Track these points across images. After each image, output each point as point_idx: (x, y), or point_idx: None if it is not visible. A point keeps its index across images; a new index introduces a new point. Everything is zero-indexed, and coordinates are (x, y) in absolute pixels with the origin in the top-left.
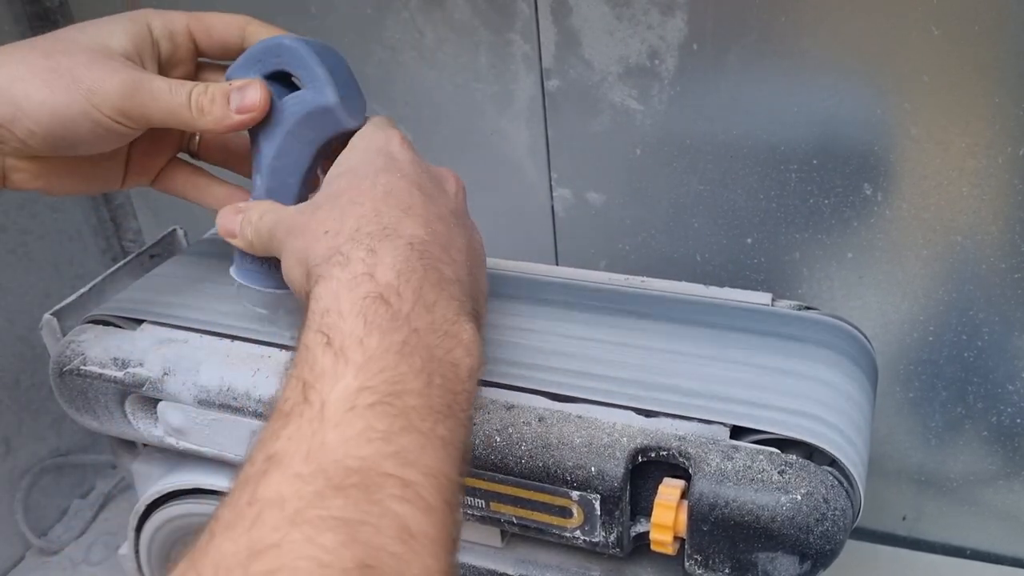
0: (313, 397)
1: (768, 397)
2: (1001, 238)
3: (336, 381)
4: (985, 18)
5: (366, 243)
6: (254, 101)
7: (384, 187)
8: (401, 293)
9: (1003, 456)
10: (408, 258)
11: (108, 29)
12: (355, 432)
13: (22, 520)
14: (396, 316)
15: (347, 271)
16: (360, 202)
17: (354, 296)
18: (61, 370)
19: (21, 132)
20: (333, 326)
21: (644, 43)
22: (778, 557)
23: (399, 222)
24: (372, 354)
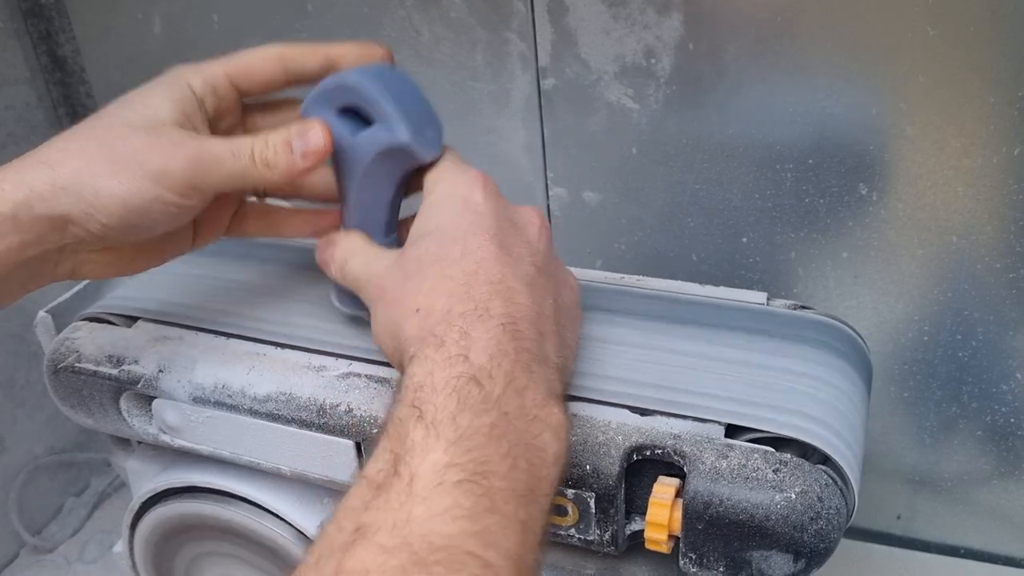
0: (403, 470)
1: (763, 396)
2: (996, 238)
3: (426, 454)
4: (981, 19)
5: (459, 325)
6: (318, 145)
7: (474, 258)
8: (493, 376)
9: (997, 456)
10: (500, 340)
11: (154, 102)
12: (442, 508)
13: (16, 518)
14: (487, 398)
15: (441, 352)
16: (451, 276)
17: (448, 375)
18: (56, 368)
19: (95, 228)
20: (426, 401)
21: (640, 42)
22: (772, 555)
23: (490, 300)
24: (463, 432)
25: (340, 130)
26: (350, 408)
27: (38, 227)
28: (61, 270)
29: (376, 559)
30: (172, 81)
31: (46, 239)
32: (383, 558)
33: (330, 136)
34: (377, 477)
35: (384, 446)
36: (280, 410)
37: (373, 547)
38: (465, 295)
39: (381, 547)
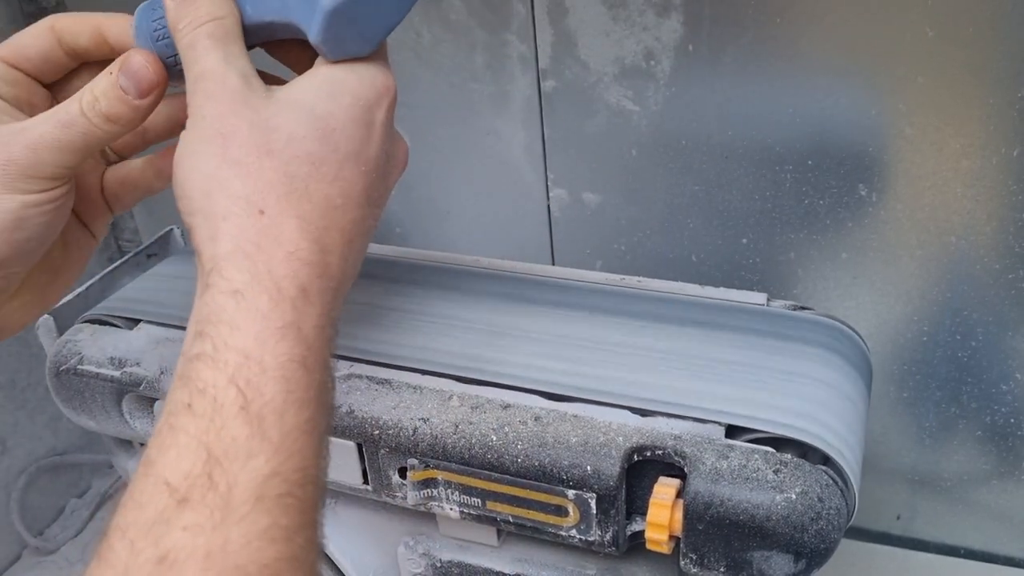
0: (219, 477)
1: (763, 396)
2: (995, 239)
3: (248, 460)
4: (979, 20)
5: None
6: (147, 75)
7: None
8: (317, 361)
9: (997, 456)
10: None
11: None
12: (259, 530)
13: (18, 519)
14: (310, 386)
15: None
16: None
17: (279, 351)
18: (58, 369)
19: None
20: (253, 384)
21: (640, 44)
22: (773, 556)
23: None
24: (287, 432)
25: None
26: (351, 410)
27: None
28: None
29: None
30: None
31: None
32: None
33: (156, 60)
34: (183, 485)
35: (192, 434)
36: None
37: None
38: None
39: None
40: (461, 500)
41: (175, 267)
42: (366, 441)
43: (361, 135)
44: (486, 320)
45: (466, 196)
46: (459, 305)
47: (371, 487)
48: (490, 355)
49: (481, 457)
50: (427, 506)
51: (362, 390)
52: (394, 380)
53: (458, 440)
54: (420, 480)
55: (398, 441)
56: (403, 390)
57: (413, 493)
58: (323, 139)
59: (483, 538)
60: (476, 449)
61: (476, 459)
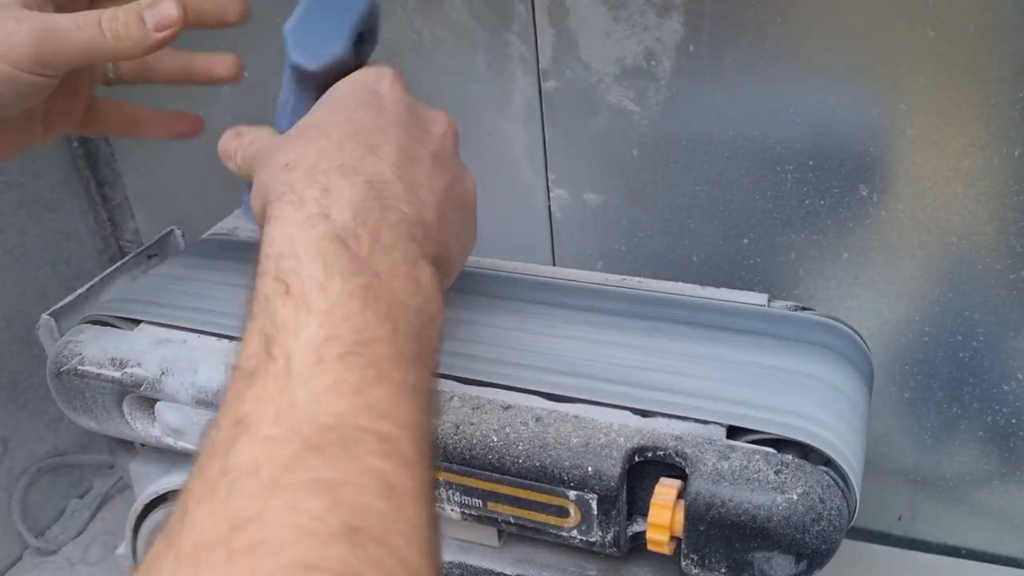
0: (277, 352)
1: (764, 397)
2: (996, 239)
3: (299, 331)
4: (980, 19)
5: (321, 181)
6: (171, 16)
7: (358, 122)
8: (359, 234)
9: (999, 456)
10: (365, 197)
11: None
12: (326, 387)
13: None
14: (356, 258)
15: (301, 211)
16: (327, 133)
17: (310, 237)
18: (59, 370)
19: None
20: (290, 271)
21: (641, 44)
22: (774, 557)
23: (361, 159)
24: (335, 300)
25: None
26: None
27: None
28: None
29: (265, 451)
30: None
31: None
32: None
33: (183, 10)
34: (248, 364)
35: (252, 327)
36: None
37: (259, 438)
38: (336, 153)
39: (268, 437)
40: (462, 501)
41: (176, 268)
42: None
43: (366, 99)
44: (486, 321)
45: None
46: (459, 306)
47: None
48: (491, 356)
49: (482, 458)
50: None
51: None
52: None
53: (459, 441)
54: None
55: None
56: None
57: None
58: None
59: (484, 539)
60: (477, 450)
61: (477, 460)
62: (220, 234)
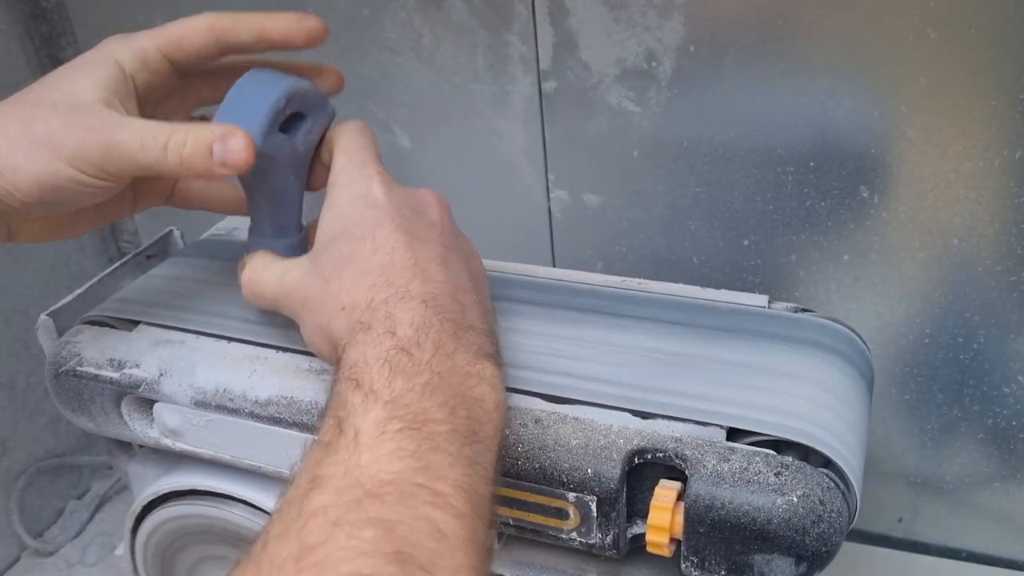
0: (347, 428)
1: (764, 399)
2: (997, 240)
3: (367, 413)
4: (982, 21)
5: (383, 309)
6: (239, 157)
7: (385, 249)
8: (421, 344)
9: (999, 458)
10: (423, 314)
11: (79, 83)
12: (386, 452)
13: (18, 521)
14: (418, 363)
15: (370, 334)
16: (368, 271)
17: (379, 350)
18: (57, 371)
19: (14, 203)
20: (361, 374)
21: (641, 45)
22: (774, 559)
23: (409, 283)
24: (398, 393)
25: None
26: None
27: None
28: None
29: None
30: (101, 58)
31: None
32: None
33: (253, 149)
34: (324, 439)
35: (328, 416)
36: (281, 413)
37: (328, 490)
38: (385, 283)
39: (335, 489)
40: None
41: (175, 268)
42: None
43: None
44: None
45: (466, 197)
46: None
47: None
48: None
49: None
50: None
51: None
52: None
53: None
54: None
55: None
56: None
57: None
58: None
59: None
60: None
61: None
62: (219, 235)
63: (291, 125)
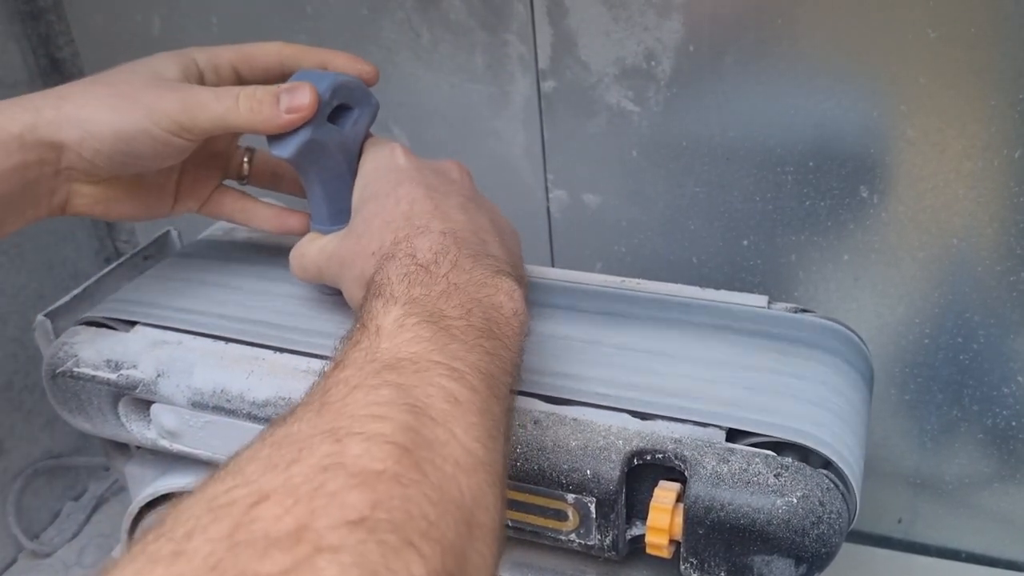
0: (370, 325)
1: (764, 400)
2: (997, 240)
3: (387, 313)
4: (981, 20)
5: (405, 242)
6: (303, 102)
7: (406, 200)
8: (439, 262)
9: (999, 459)
10: (443, 243)
11: (160, 62)
12: (405, 339)
13: (14, 523)
14: (435, 276)
15: (392, 261)
16: (391, 219)
17: (400, 267)
18: (54, 372)
19: (88, 152)
20: (383, 286)
21: (640, 45)
22: (774, 560)
23: (430, 220)
24: (416, 298)
25: (329, 134)
26: None
27: (39, 149)
28: (56, 200)
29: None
30: (181, 53)
31: (45, 162)
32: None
33: (316, 98)
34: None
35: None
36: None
37: (351, 367)
38: (407, 225)
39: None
40: None
41: (172, 269)
42: None
43: (396, 178)
44: None
45: None
46: None
47: None
48: None
49: None
50: None
51: None
52: None
53: None
54: None
55: None
56: None
57: None
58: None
59: None
60: None
61: None
62: (216, 235)
63: (339, 116)
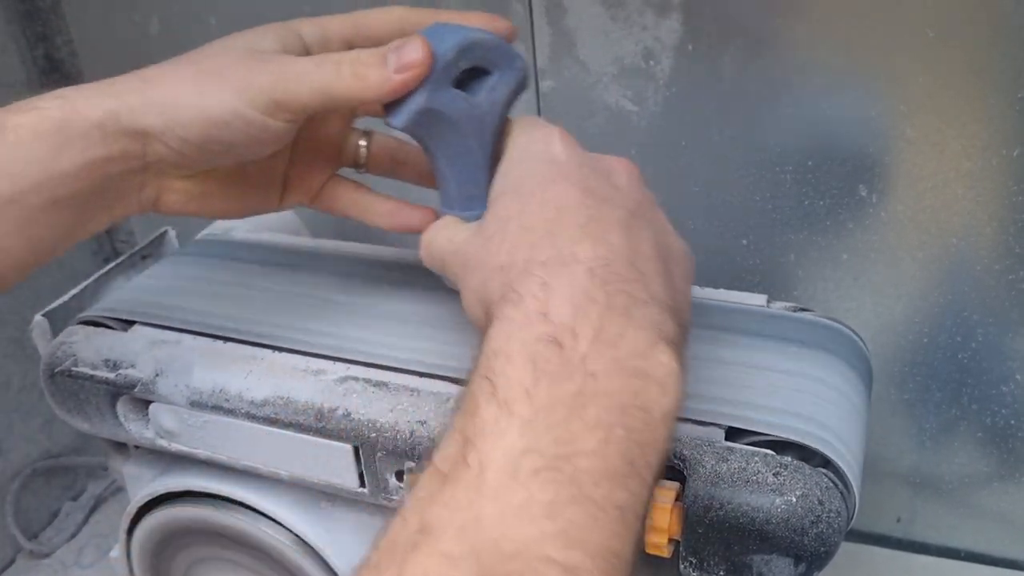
0: (472, 458)
1: (763, 399)
2: (996, 240)
3: (498, 439)
4: (980, 20)
5: (540, 275)
6: (414, 57)
7: (554, 204)
8: (577, 332)
9: (998, 458)
10: (587, 288)
11: (258, 34)
12: (515, 506)
13: (12, 523)
14: (569, 362)
15: (520, 309)
16: (531, 227)
17: (525, 336)
18: (52, 371)
19: (174, 142)
20: (499, 372)
21: (639, 44)
22: (773, 559)
23: (576, 244)
24: (540, 407)
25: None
26: (348, 412)
27: (122, 140)
28: (145, 196)
29: (439, 569)
30: (285, 26)
31: (129, 154)
32: (447, 569)
33: (429, 51)
34: (444, 465)
35: (455, 425)
36: (278, 414)
37: (436, 555)
38: (548, 243)
39: (445, 555)
40: None
41: (170, 268)
42: (363, 444)
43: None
44: None
45: None
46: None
47: (368, 490)
48: None
49: None
50: None
51: (359, 392)
52: (391, 383)
53: None
54: None
55: (395, 444)
56: (400, 393)
57: None
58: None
59: None
60: None
61: None
62: (214, 235)
63: (471, 82)
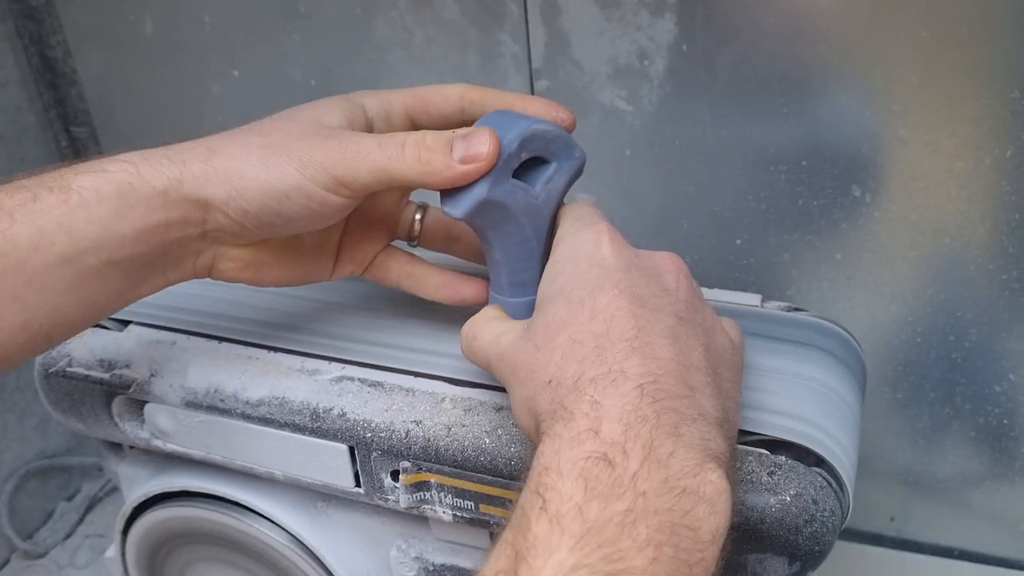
0: (524, 573)
1: (757, 398)
2: (988, 239)
3: (550, 554)
4: (973, 20)
5: (590, 393)
6: (481, 151)
7: (603, 316)
8: (628, 450)
9: (991, 457)
10: (637, 405)
11: (323, 109)
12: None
13: (7, 523)
14: (619, 480)
15: (570, 428)
16: (581, 340)
17: (575, 455)
18: (47, 372)
19: (235, 212)
20: (550, 487)
21: (633, 44)
22: (767, 558)
23: (626, 359)
24: (591, 525)
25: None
26: (343, 412)
27: (183, 207)
28: (201, 262)
29: None
30: (348, 98)
31: (189, 221)
32: None
33: (497, 146)
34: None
35: (506, 539)
36: (273, 414)
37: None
38: (597, 358)
39: None
40: (454, 503)
41: None
42: (358, 444)
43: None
44: None
45: None
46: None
47: (363, 490)
48: None
49: (474, 460)
50: (419, 509)
51: (354, 392)
52: (386, 383)
53: (451, 443)
54: (412, 483)
55: (390, 444)
56: (395, 393)
57: (405, 496)
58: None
59: (476, 541)
60: (469, 452)
61: (469, 462)
62: None
63: (529, 171)
